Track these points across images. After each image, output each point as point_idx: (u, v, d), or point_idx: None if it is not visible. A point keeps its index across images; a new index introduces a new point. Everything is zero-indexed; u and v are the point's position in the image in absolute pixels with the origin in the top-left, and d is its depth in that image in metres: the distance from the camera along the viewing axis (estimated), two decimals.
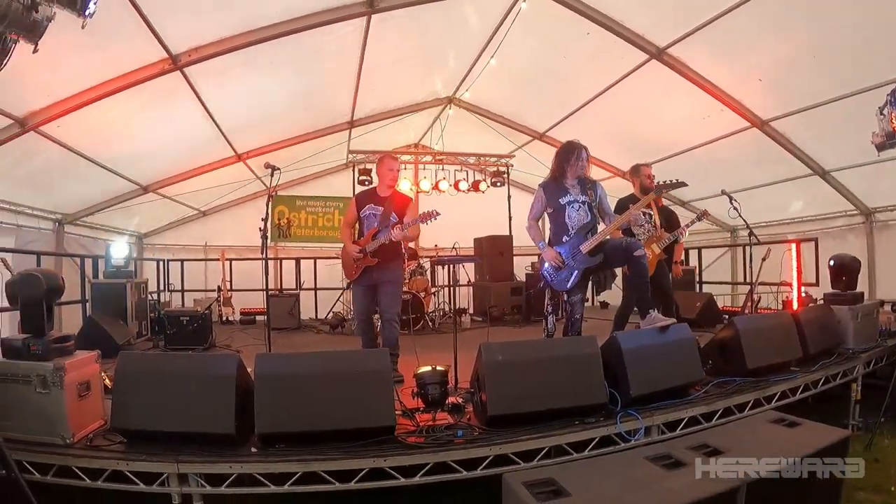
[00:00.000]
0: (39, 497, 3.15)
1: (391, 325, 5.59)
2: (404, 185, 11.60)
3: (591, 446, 3.95)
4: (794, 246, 8.16)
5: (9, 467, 3.05)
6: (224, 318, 11.04)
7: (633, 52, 8.10)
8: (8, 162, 7.40)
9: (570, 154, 5.16)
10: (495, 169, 12.27)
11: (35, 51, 3.17)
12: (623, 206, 6.15)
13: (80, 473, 3.53)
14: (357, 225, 5.85)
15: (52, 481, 3.55)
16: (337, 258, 10.39)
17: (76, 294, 8.28)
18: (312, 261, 11.86)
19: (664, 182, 5.45)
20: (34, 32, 3.10)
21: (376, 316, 5.96)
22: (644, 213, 6.25)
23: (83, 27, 3.17)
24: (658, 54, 7.99)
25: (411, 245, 10.61)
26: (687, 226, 6.82)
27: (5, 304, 5.40)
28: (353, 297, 6.13)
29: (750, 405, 4.73)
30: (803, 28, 6.85)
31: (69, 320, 8.58)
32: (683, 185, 5.42)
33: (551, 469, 3.42)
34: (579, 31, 7.87)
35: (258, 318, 10.72)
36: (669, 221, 6.78)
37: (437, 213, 5.50)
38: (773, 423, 4.13)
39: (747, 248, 7.05)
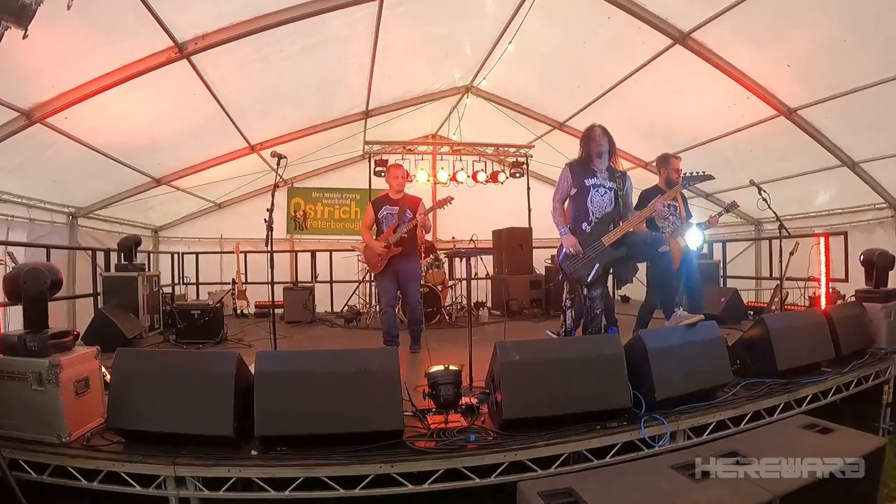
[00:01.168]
0: (36, 498, 3.06)
1: (415, 306, 6.74)
2: (421, 177, 11.47)
3: (612, 453, 3.74)
4: (822, 240, 7.82)
5: None
6: (239, 312, 10.98)
7: (656, 36, 7.79)
8: (20, 156, 7.33)
9: (585, 135, 5.14)
10: (514, 160, 12.01)
11: (25, 36, 3.02)
12: (646, 198, 5.92)
13: (75, 474, 3.42)
14: (375, 227, 6.74)
15: (48, 481, 3.45)
16: (353, 250, 10.37)
17: (89, 288, 8.20)
18: (328, 253, 11.74)
19: (691, 174, 5.22)
20: (23, 17, 2.96)
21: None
22: (668, 206, 6.00)
23: (69, 8, 3.02)
24: (682, 39, 7.68)
25: (428, 238, 10.50)
26: (716, 216, 6.56)
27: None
28: (380, 287, 6.85)
29: (780, 408, 4.49)
30: (834, 11, 6.50)
31: (83, 314, 8.51)
32: (710, 177, 5.19)
33: (570, 478, 3.23)
34: (600, 14, 7.59)
35: (271, 311, 10.62)
36: None
37: (451, 199, 6.60)
38: (804, 429, 3.94)
39: (773, 242, 6.79)
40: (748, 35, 7.33)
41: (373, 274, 7.49)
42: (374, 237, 6.67)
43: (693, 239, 6.14)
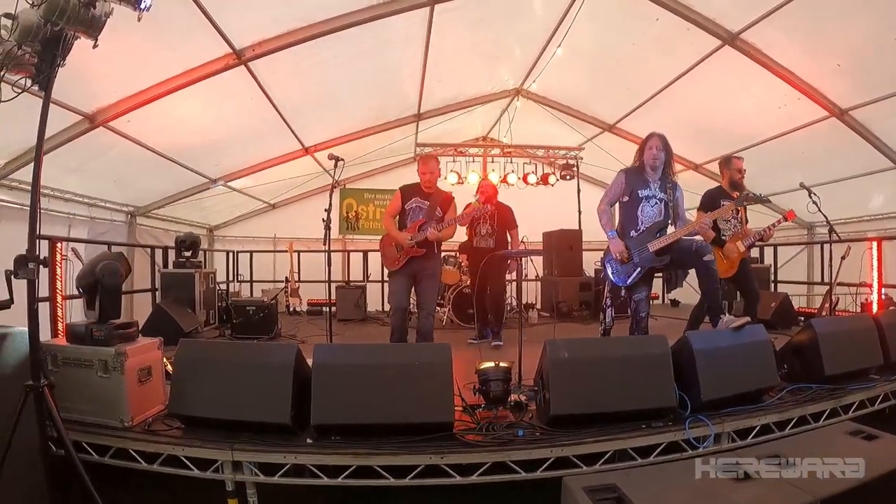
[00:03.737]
0: (98, 478, 3.18)
1: (429, 317, 5.76)
2: (472, 178, 11.49)
3: (657, 452, 3.73)
4: (874, 244, 7.59)
5: (65, 447, 3.08)
6: (292, 309, 11.18)
7: (705, 37, 7.73)
8: (82, 156, 7.62)
9: (643, 143, 5.14)
10: (564, 162, 11.94)
11: (95, 46, 3.16)
12: (711, 197, 5.99)
13: (136, 456, 3.57)
14: (398, 217, 5.98)
15: (109, 462, 3.60)
16: None
17: (147, 283, 8.49)
18: (380, 253, 11.81)
19: (749, 194, 5.36)
20: (93, 28, 3.10)
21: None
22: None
23: (139, 20, 3.15)
24: (731, 40, 7.61)
25: None
26: (774, 225, 6.43)
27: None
28: (393, 287, 6.00)
29: (826, 414, 4.39)
30: (882, 7, 6.36)
31: (139, 309, 8.80)
32: (767, 200, 5.45)
33: (614, 475, 3.27)
34: (648, 16, 7.57)
35: (325, 308, 10.77)
36: None
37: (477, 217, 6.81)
38: (849, 435, 3.89)
39: (825, 246, 6.63)
40: (797, 35, 7.24)
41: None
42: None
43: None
